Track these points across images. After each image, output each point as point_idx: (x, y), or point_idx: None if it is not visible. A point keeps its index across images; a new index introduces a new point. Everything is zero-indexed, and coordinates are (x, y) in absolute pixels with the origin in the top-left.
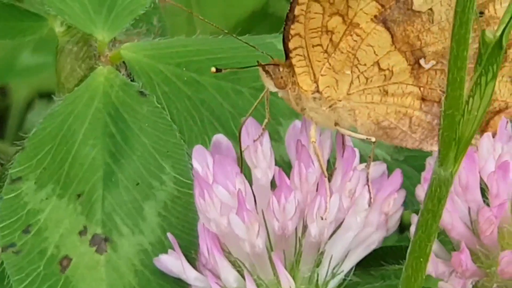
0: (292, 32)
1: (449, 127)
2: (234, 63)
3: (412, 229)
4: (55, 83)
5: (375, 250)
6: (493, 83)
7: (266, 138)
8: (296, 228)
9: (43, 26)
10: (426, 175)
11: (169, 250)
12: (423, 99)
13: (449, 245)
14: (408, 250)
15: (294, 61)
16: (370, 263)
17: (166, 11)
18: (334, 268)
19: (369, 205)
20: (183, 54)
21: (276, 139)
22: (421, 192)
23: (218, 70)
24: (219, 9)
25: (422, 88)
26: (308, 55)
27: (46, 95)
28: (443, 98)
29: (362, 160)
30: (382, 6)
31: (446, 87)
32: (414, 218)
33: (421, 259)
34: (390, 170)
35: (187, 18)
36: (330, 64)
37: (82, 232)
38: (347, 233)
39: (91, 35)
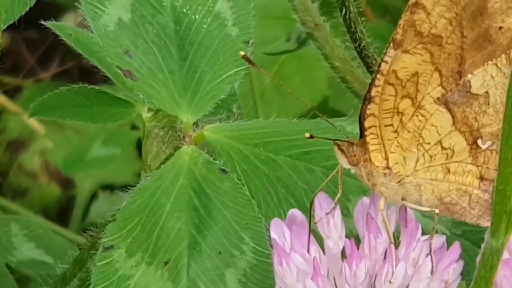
0: (368, 112)
1: (500, 201)
2: (307, 144)
3: None
4: (116, 176)
5: None
6: None
7: (337, 212)
8: None
9: (131, 112)
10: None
11: None
12: (481, 177)
13: None
14: None
15: (368, 139)
16: None
17: None
18: None
19: (431, 273)
20: (261, 135)
21: (346, 214)
22: None
23: (311, 137)
24: (279, 104)
25: (480, 167)
26: (380, 133)
27: (109, 187)
28: (495, 175)
29: (422, 233)
30: (444, 88)
31: (498, 164)
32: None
33: None
34: (448, 243)
35: (252, 107)
36: (398, 143)
37: None
38: None
39: (177, 117)
